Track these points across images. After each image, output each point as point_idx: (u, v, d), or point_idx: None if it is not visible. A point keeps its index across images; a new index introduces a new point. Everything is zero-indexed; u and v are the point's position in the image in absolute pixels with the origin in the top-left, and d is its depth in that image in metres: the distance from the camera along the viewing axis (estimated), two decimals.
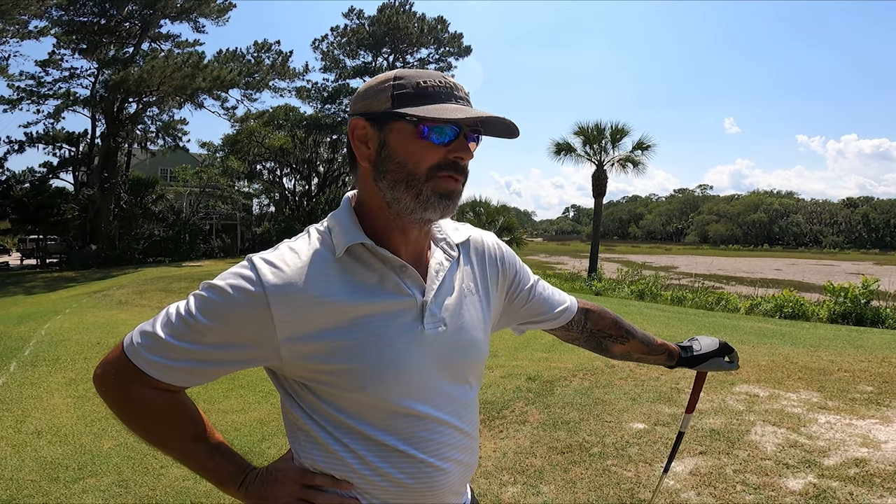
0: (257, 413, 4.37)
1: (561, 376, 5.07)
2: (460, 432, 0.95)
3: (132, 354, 0.87)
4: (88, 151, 27.88)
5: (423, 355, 0.90)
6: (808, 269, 37.62)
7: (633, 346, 1.26)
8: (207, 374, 0.88)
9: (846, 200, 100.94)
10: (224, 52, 27.78)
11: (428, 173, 0.87)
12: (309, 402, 0.90)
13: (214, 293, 0.84)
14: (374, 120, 0.88)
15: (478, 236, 1.07)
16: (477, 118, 0.86)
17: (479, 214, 22.82)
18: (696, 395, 1.40)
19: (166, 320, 0.87)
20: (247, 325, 0.83)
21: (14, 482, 3.23)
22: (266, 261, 0.85)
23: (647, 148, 20.26)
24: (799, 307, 10.21)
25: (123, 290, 13.05)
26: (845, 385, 4.64)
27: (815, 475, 3.02)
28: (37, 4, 21.91)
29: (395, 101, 0.86)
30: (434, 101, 0.86)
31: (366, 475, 0.89)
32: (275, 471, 0.94)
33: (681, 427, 1.45)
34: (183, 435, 0.94)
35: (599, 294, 14.40)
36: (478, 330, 0.99)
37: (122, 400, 0.91)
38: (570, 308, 1.19)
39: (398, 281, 0.89)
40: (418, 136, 0.86)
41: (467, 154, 0.89)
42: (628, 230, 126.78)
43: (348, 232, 0.89)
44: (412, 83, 0.87)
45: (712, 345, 1.33)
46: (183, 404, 0.94)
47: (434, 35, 34.73)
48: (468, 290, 0.99)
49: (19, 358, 6.31)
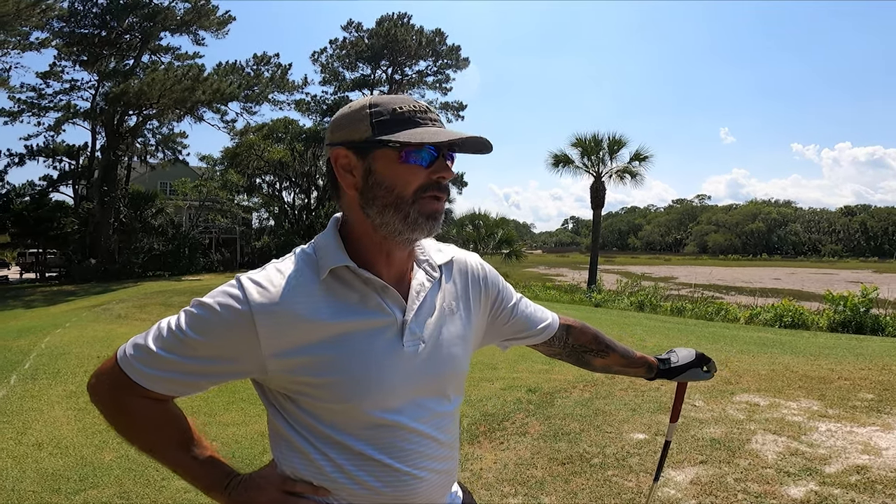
0: (258, 426, 4.36)
1: (561, 388, 5.08)
2: (437, 443, 0.99)
3: (125, 365, 0.93)
4: (88, 164, 28.00)
5: (402, 371, 0.94)
6: (808, 278, 37.66)
7: (613, 359, 1.32)
8: (196, 385, 0.94)
9: (844, 209, 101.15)
10: (224, 64, 28.00)
11: (414, 195, 0.91)
12: (291, 413, 0.95)
13: (204, 310, 0.89)
14: (356, 149, 0.92)
15: (461, 257, 1.11)
16: (454, 139, 0.91)
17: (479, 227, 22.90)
18: (679, 405, 1.47)
19: (158, 334, 0.92)
20: (233, 341, 0.89)
21: (15, 494, 3.23)
22: (253, 280, 0.90)
23: (644, 159, 20.37)
24: (798, 316, 10.23)
25: (123, 304, 13.04)
26: (846, 393, 4.65)
27: (816, 483, 3.02)
28: (38, 16, 22.11)
29: (376, 128, 0.90)
30: (411, 125, 0.90)
31: (343, 483, 0.93)
32: (258, 477, 0.99)
33: (667, 436, 1.52)
34: (171, 442, 0.99)
35: (599, 305, 14.40)
36: (457, 347, 1.03)
37: (114, 408, 0.97)
38: (551, 325, 1.23)
39: (379, 301, 0.94)
40: (402, 160, 0.90)
41: (448, 173, 0.93)
42: (627, 241, 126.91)
43: (333, 254, 0.93)
44: (388, 110, 0.91)
45: (689, 356, 1.39)
46: (172, 413, 0.99)
47: (432, 47, 35.00)
48: (449, 310, 1.03)
49: (19, 371, 6.30)
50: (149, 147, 30.15)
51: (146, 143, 29.96)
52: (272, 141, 31.68)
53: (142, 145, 29.75)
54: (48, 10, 22.63)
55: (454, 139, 0.90)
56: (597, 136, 20.60)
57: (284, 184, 34.71)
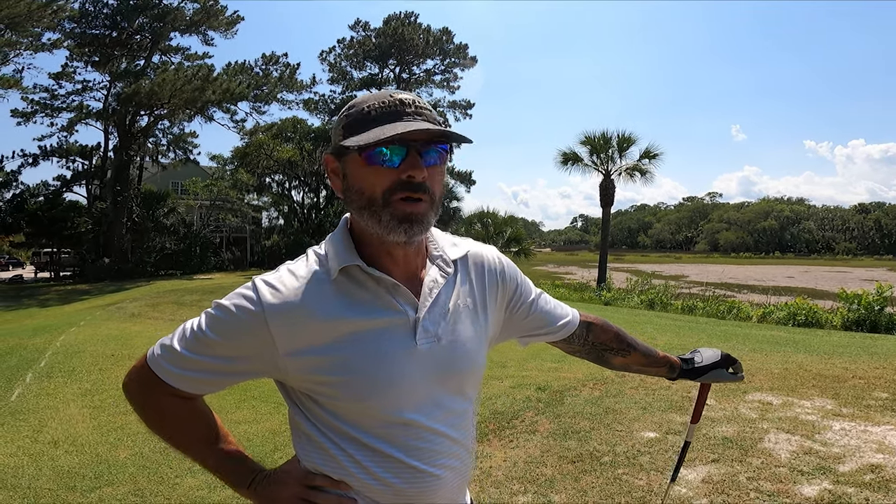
0: (269, 424, 4.39)
1: (571, 386, 5.07)
2: (453, 441, 0.99)
3: (153, 365, 0.97)
4: (101, 165, 28.27)
5: (416, 369, 0.94)
6: (821, 277, 37.29)
7: (634, 358, 1.29)
8: (219, 383, 0.97)
9: (858, 206, 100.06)
10: (233, 64, 28.18)
11: (383, 198, 0.89)
12: (311, 410, 0.96)
13: (221, 311, 0.93)
14: (336, 154, 0.95)
15: (477, 251, 1.09)
16: (405, 133, 0.85)
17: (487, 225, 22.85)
18: (701, 406, 1.41)
19: (182, 335, 0.96)
20: (249, 341, 0.91)
21: (31, 491, 3.27)
22: (266, 282, 0.92)
23: (654, 156, 20.20)
24: (812, 315, 10.12)
25: (136, 302, 13.17)
26: (860, 392, 4.61)
27: (829, 481, 3.00)
28: (49, 17, 22.36)
29: (345, 131, 0.91)
30: (377, 124, 0.88)
31: (363, 479, 0.94)
32: (281, 472, 1.01)
33: (686, 437, 1.46)
34: (199, 438, 1.03)
35: (609, 304, 14.34)
36: (473, 343, 1.02)
37: (145, 405, 1.02)
38: (571, 322, 1.21)
39: (391, 299, 0.94)
40: (364, 163, 0.89)
41: (417, 171, 0.88)
42: (637, 239, 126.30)
43: (342, 254, 0.94)
44: (359, 110, 0.91)
45: (714, 356, 1.35)
46: (200, 410, 1.03)
47: (440, 46, 35.03)
48: (464, 306, 1.02)
49: (35, 369, 6.38)
50: (160, 147, 30.43)
51: (158, 143, 30.24)
52: (281, 140, 31.83)
53: (153, 145, 30.03)
54: (59, 11, 22.89)
55: (399, 133, 0.85)
56: (606, 133, 20.45)
57: (294, 183, 34.85)
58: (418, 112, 0.90)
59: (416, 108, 0.91)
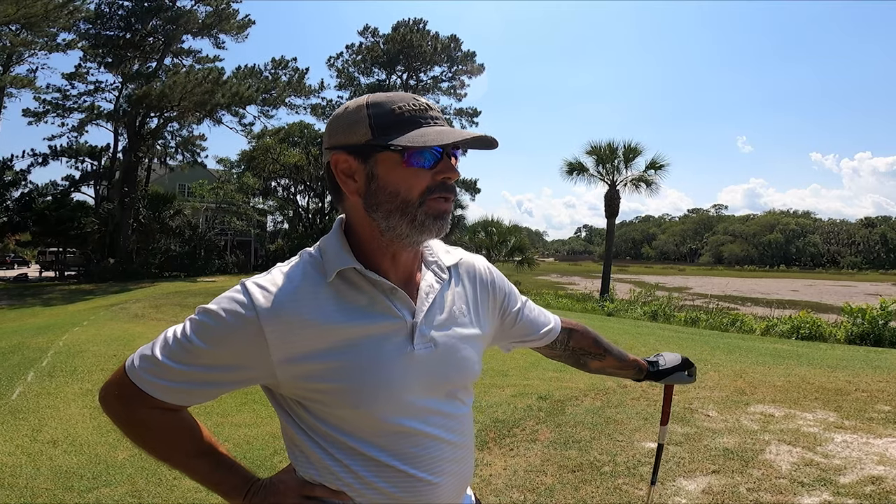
0: (269, 427, 4.39)
1: (572, 395, 5.05)
2: (452, 446, 0.98)
3: (133, 376, 0.91)
4: (110, 166, 28.51)
5: (413, 375, 0.92)
6: (826, 290, 37.09)
7: (608, 362, 1.35)
8: (206, 394, 0.91)
9: (864, 220, 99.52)
10: (242, 68, 28.43)
11: (420, 198, 0.88)
12: (303, 419, 0.93)
13: (209, 317, 0.87)
14: (357, 153, 0.89)
15: (469, 259, 1.10)
16: (459, 140, 0.87)
17: (492, 234, 22.85)
18: (668, 408, 1.54)
19: (164, 343, 0.90)
20: (241, 348, 0.86)
21: (29, 490, 3.27)
22: (258, 285, 0.88)
23: (660, 167, 20.20)
24: (816, 328, 10.06)
25: (140, 303, 13.20)
26: (862, 405, 4.57)
27: (830, 493, 2.97)
28: (66, 17, 22.62)
29: (376, 131, 0.87)
30: (413, 126, 0.87)
31: (359, 489, 0.92)
32: (277, 482, 0.98)
33: (659, 439, 1.58)
34: (186, 451, 0.98)
35: (612, 315, 14.29)
36: (468, 349, 1.01)
37: (126, 419, 0.95)
38: (554, 328, 1.25)
39: (388, 303, 0.92)
40: (405, 164, 0.87)
41: (454, 173, 0.90)
42: (641, 250, 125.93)
43: (339, 256, 0.91)
44: (387, 110, 0.88)
45: (675, 360, 1.44)
46: (186, 422, 0.97)
47: (447, 53, 35.19)
48: (459, 311, 1.01)
49: (37, 368, 6.40)
50: (169, 149, 30.63)
51: (166, 145, 30.44)
52: (288, 144, 32.01)
53: (162, 147, 30.21)
54: (76, 11, 23.18)
55: (458, 140, 0.87)
56: (612, 143, 20.47)
57: (299, 187, 35.03)
58: (441, 117, 0.92)
59: (438, 111, 0.92)
